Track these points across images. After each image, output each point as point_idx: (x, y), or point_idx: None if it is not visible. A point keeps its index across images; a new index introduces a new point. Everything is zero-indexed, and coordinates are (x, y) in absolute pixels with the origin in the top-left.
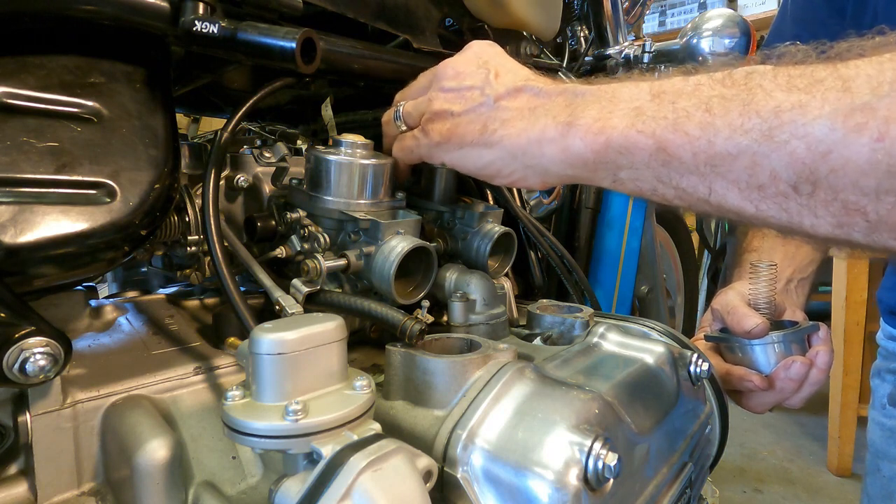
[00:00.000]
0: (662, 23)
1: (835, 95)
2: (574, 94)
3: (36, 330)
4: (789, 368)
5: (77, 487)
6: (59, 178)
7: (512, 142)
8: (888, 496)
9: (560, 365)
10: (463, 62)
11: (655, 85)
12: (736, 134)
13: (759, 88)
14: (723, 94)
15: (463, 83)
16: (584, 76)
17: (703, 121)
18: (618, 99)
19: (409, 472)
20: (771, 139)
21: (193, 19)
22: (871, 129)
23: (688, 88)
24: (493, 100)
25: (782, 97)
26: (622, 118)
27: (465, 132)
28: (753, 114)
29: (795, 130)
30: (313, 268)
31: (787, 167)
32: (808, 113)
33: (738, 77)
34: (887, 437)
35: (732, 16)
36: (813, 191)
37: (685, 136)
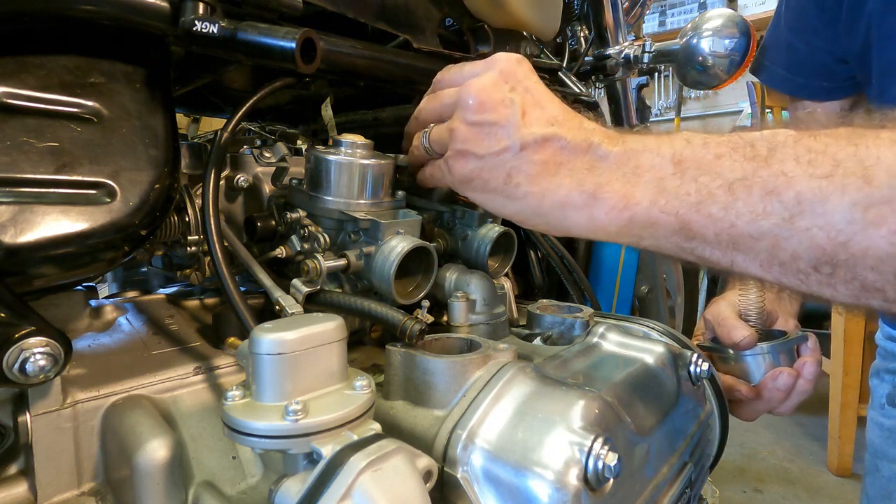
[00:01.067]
0: (662, 23)
1: (855, 185)
2: (598, 156)
3: (36, 330)
4: (776, 379)
5: (77, 487)
6: (59, 178)
7: (536, 201)
8: (887, 496)
9: (560, 365)
10: (488, 87)
11: (677, 152)
12: (758, 218)
13: (779, 169)
14: (745, 173)
15: (487, 118)
16: (584, 76)
17: (725, 203)
18: (640, 169)
19: (409, 472)
20: (792, 225)
21: (193, 19)
22: (890, 222)
23: (708, 158)
24: (518, 147)
25: (803, 184)
26: (645, 192)
27: (489, 178)
28: (775, 199)
29: (815, 220)
30: (313, 268)
31: (808, 251)
32: (829, 202)
33: (760, 149)
34: (886, 438)
35: (732, 16)
36: (833, 272)
37: (708, 218)
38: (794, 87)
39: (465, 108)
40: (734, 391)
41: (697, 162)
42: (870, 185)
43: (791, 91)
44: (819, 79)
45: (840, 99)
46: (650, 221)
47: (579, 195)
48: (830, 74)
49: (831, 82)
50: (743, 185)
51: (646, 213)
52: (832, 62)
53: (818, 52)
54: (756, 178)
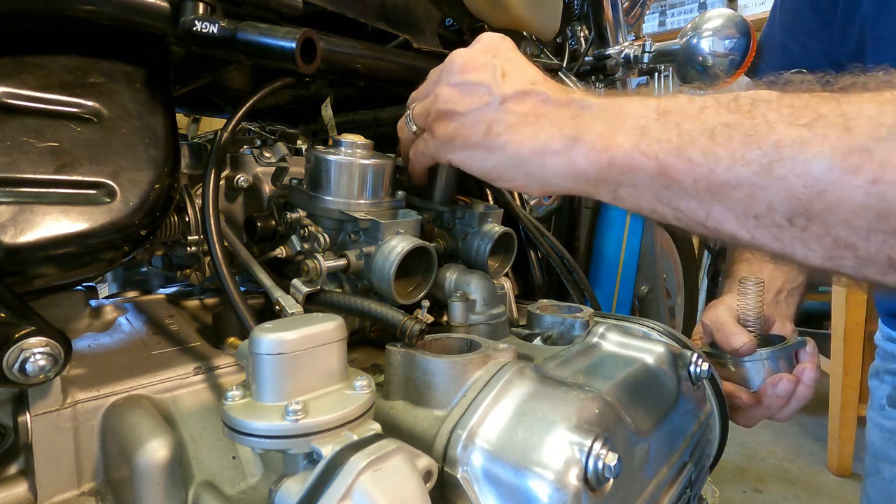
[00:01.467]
0: (662, 23)
1: (835, 134)
2: (581, 107)
3: (36, 330)
4: (776, 385)
5: (77, 487)
6: (59, 178)
7: (515, 149)
8: (888, 498)
9: (560, 365)
10: (472, 54)
11: (662, 103)
12: (737, 164)
13: (762, 119)
14: (727, 121)
15: (469, 77)
16: (584, 76)
17: (706, 148)
18: (624, 115)
19: (409, 472)
20: (770, 173)
21: (193, 19)
22: (867, 171)
23: (693, 110)
24: (499, 101)
25: (784, 131)
26: (627, 137)
27: (470, 133)
28: (755, 145)
29: (794, 167)
30: (313, 268)
31: (784, 201)
32: (808, 150)
33: (743, 103)
34: (887, 439)
35: (732, 16)
36: (807, 224)
37: (688, 163)
38: None
39: (448, 72)
40: (734, 398)
41: (681, 111)
42: (849, 134)
43: None
44: None
45: None
46: (630, 165)
47: (560, 140)
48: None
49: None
50: (725, 131)
51: (626, 156)
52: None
53: (813, 54)
54: (738, 125)
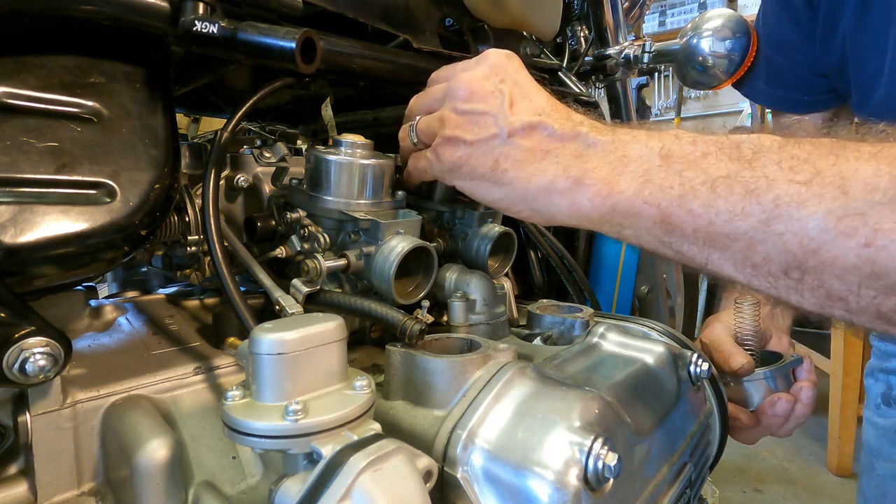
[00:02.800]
0: (662, 23)
1: (832, 194)
2: (586, 144)
3: (36, 330)
4: (775, 405)
5: (77, 487)
6: (59, 178)
7: (523, 186)
8: (883, 495)
9: (560, 365)
10: (478, 79)
11: (665, 146)
12: (736, 218)
13: (762, 171)
14: (728, 171)
15: (477, 106)
16: (584, 76)
17: (706, 200)
18: (627, 158)
19: (409, 472)
20: (768, 228)
21: (193, 19)
22: (860, 235)
23: (695, 156)
24: (506, 133)
25: (783, 188)
26: (630, 182)
27: (477, 164)
28: (754, 200)
29: (791, 225)
30: (313, 268)
31: (780, 254)
32: (805, 209)
33: (745, 152)
34: (881, 436)
35: (732, 16)
36: (801, 277)
37: (689, 213)
38: (774, 101)
39: (454, 97)
40: (734, 419)
41: (684, 157)
42: (846, 196)
43: (771, 104)
44: (798, 92)
45: (821, 111)
46: (633, 211)
47: (564, 180)
48: (809, 88)
49: (811, 95)
50: (725, 183)
51: (629, 203)
52: (811, 76)
53: (797, 66)
54: (739, 177)
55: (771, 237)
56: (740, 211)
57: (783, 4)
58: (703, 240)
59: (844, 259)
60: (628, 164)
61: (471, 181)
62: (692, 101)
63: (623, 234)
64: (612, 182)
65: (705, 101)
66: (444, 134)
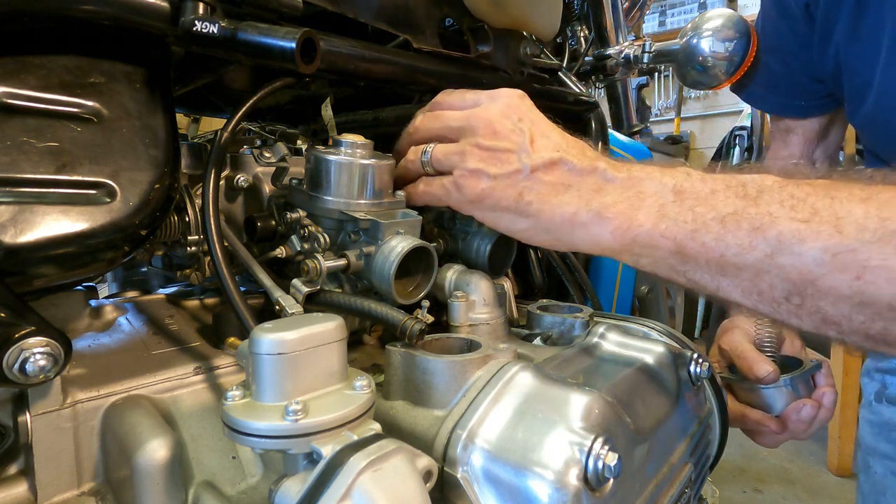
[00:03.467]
0: (662, 23)
1: (827, 232)
2: (604, 179)
3: (36, 330)
4: (800, 411)
5: (77, 487)
6: (59, 178)
7: (547, 217)
8: (880, 492)
9: (560, 365)
10: (497, 117)
11: (678, 182)
12: (744, 251)
13: (766, 208)
14: (736, 208)
15: (500, 144)
16: (584, 76)
17: (717, 234)
18: (643, 194)
19: (409, 472)
20: (772, 260)
21: (193, 19)
22: (852, 269)
23: (705, 192)
24: (529, 169)
25: (784, 224)
26: (647, 216)
27: (501, 197)
28: (760, 236)
29: (792, 259)
30: (313, 268)
31: (782, 283)
32: (805, 244)
33: (750, 190)
34: (876, 434)
35: (732, 16)
36: (801, 303)
37: (701, 246)
38: (773, 106)
39: (475, 133)
40: (762, 425)
41: (695, 194)
42: (840, 234)
43: (770, 109)
44: (796, 97)
45: (818, 116)
46: (651, 243)
47: (587, 213)
48: (807, 93)
49: (808, 101)
50: (734, 219)
51: (647, 236)
52: (808, 82)
53: (794, 73)
54: (745, 214)
55: (775, 268)
56: (748, 245)
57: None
58: (715, 269)
59: (838, 289)
60: (644, 199)
61: (493, 213)
62: (692, 101)
63: (640, 263)
64: (631, 216)
65: (705, 101)
66: (467, 167)
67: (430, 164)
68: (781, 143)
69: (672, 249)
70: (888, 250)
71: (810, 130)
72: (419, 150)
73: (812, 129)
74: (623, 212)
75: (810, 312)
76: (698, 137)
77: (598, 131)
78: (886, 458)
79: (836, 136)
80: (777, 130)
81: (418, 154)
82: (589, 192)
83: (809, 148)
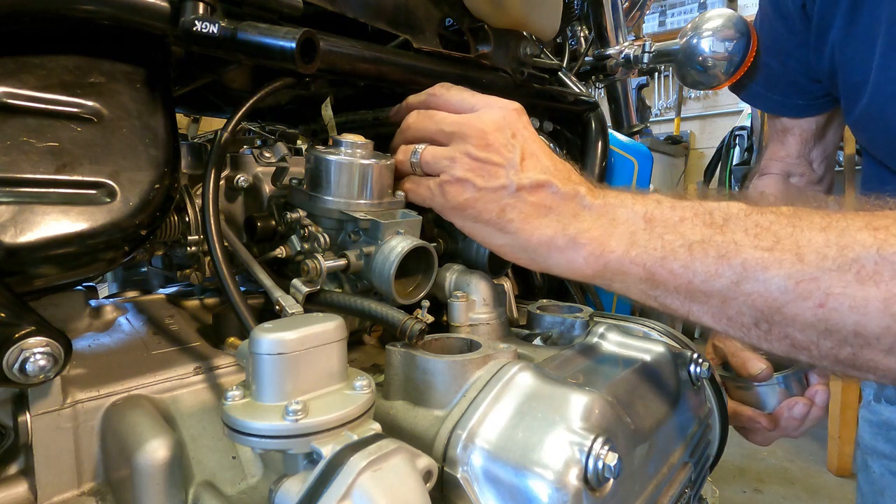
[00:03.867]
0: (662, 23)
1: (790, 261)
2: (582, 206)
3: (36, 330)
4: (792, 409)
5: (77, 487)
6: (59, 178)
7: (525, 237)
8: (879, 492)
9: (560, 365)
10: (492, 130)
11: (648, 210)
12: (711, 279)
13: (731, 237)
14: (703, 236)
15: (490, 156)
16: (584, 76)
17: (685, 262)
18: (616, 221)
19: (409, 472)
20: (738, 287)
21: (193, 19)
22: (815, 297)
23: (674, 220)
24: (515, 187)
25: (749, 252)
26: (619, 243)
27: (483, 210)
28: (726, 263)
29: (756, 286)
30: (313, 268)
31: (749, 310)
32: (768, 272)
33: (717, 218)
34: (875, 434)
35: (732, 16)
36: (769, 328)
37: (670, 273)
38: (771, 105)
39: (467, 141)
40: (754, 422)
41: (664, 221)
42: (802, 263)
43: (769, 108)
44: (795, 97)
45: (815, 116)
46: (622, 269)
47: (563, 238)
48: (805, 93)
49: (806, 100)
50: (701, 247)
51: (618, 262)
52: (806, 81)
53: (792, 72)
54: (712, 242)
55: (741, 295)
56: (714, 272)
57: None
58: (684, 295)
59: (803, 316)
60: (617, 226)
61: (474, 223)
62: (692, 101)
63: (613, 287)
64: (604, 243)
65: (705, 101)
66: (455, 174)
67: (419, 165)
68: (778, 143)
69: (642, 276)
70: (848, 278)
71: (807, 130)
72: (409, 149)
73: (809, 129)
74: (596, 238)
75: (779, 338)
76: (698, 137)
77: (598, 131)
78: (885, 458)
79: (834, 136)
80: (774, 131)
81: (408, 154)
82: (567, 217)
83: (806, 148)
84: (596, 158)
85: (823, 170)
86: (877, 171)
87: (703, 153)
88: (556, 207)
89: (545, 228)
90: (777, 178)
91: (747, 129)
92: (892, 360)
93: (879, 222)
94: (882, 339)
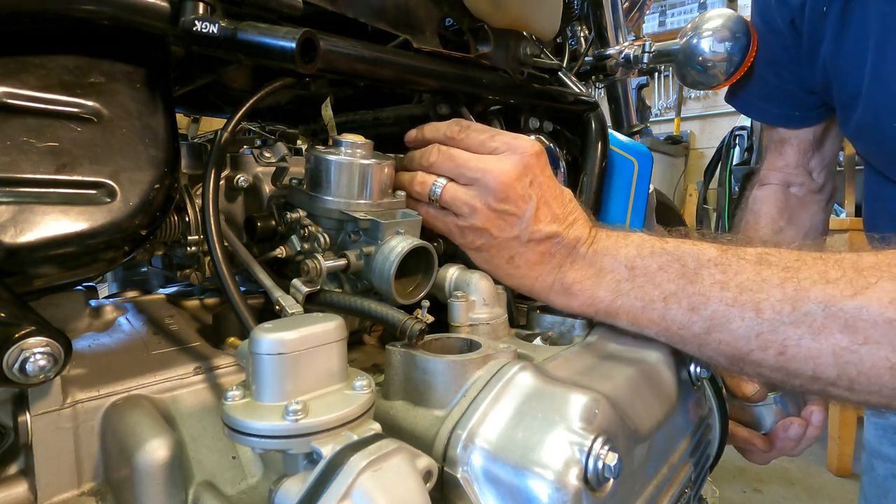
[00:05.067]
0: (662, 23)
1: (749, 315)
2: (576, 255)
3: (36, 330)
4: (788, 429)
5: (77, 487)
6: (59, 178)
7: (530, 283)
8: (884, 494)
9: (560, 365)
10: (512, 180)
11: (630, 259)
12: (685, 326)
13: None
14: (676, 288)
15: (508, 208)
16: (584, 76)
17: (662, 312)
18: (603, 271)
19: (409, 472)
20: (709, 335)
21: (193, 19)
22: (774, 347)
23: (652, 269)
24: (526, 238)
25: (715, 306)
26: (606, 293)
27: (495, 255)
28: (696, 314)
29: (724, 335)
30: (313, 268)
31: (721, 354)
32: (733, 323)
33: (689, 266)
34: (881, 436)
35: (732, 16)
36: (742, 368)
37: (650, 321)
38: (768, 116)
39: (488, 192)
40: (749, 443)
41: (644, 270)
42: (760, 317)
43: (765, 119)
44: (791, 108)
45: (813, 126)
46: (611, 315)
47: (560, 286)
48: (801, 104)
49: (802, 111)
50: (675, 298)
51: (607, 310)
52: (801, 92)
53: (787, 84)
54: (684, 293)
55: (713, 342)
56: (688, 321)
57: (769, 28)
58: (664, 338)
59: (768, 362)
60: (604, 276)
61: (485, 263)
62: (692, 101)
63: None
64: (594, 294)
65: (705, 101)
66: (474, 223)
67: (438, 201)
68: (777, 153)
69: (629, 320)
70: (801, 331)
71: (805, 141)
72: (430, 180)
73: (807, 139)
74: (587, 289)
75: (755, 375)
76: (698, 137)
77: (598, 131)
78: (890, 461)
79: (833, 145)
80: (772, 141)
81: (427, 186)
82: (566, 266)
83: (805, 158)
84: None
85: (823, 178)
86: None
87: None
88: (557, 255)
89: (546, 276)
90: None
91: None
92: (857, 395)
93: (832, 274)
94: (838, 383)
